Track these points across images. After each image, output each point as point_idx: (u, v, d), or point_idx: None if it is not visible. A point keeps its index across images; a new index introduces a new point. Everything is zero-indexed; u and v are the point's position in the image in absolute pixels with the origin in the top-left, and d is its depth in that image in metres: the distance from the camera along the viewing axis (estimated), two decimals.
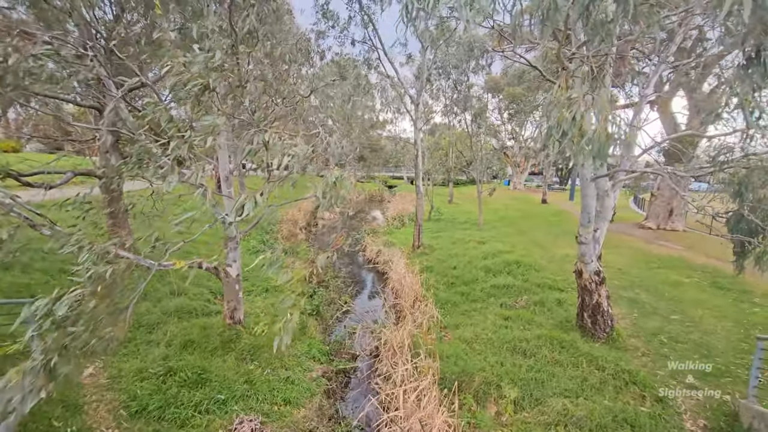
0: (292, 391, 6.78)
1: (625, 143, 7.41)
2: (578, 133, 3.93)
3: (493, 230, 20.47)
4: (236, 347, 7.52)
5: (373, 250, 17.59)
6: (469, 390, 6.59)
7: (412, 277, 11.88)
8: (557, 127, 3.95)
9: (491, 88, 35.13)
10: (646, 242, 16.65)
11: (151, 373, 6.41)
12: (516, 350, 7.75)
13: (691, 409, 6.10)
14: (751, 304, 9.83)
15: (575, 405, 5.91)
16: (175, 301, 8.99)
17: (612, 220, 9.39)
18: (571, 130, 3.92)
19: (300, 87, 10.10)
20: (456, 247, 16.63)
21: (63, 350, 3.68)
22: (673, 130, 16.70)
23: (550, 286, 11.24)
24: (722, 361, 7.26)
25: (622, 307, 9.78)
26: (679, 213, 18.97)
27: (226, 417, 5.86)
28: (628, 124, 7.22)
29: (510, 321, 9.14)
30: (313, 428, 6.22)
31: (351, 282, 14.28)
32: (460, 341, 8.28)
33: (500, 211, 27.31)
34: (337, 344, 9.28)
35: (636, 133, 7.40)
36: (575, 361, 7.22)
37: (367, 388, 7.62)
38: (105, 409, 5.67)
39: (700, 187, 29.02)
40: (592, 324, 8.19)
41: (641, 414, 5.78)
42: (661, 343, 8.03)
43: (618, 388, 6.50)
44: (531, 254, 14.90)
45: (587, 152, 3.84)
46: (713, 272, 12.22)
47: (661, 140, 8.15)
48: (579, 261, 8.32)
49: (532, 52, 15.57)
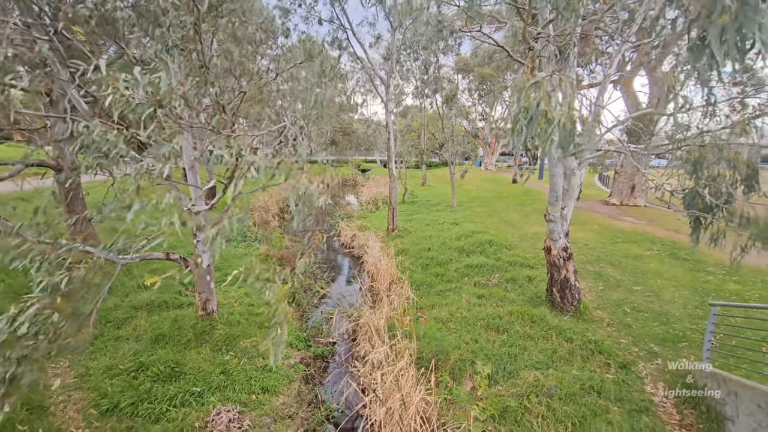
0: (269, 380, 6.75)
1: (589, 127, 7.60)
2: (544, 120, 3.97)
3: (466, 211, 20.78)
4: (211, 338, 7.39)
5: (348, 234, 17.54)
6: (446, 368, 6.76)
7: (388, 260, 11.95)
8: (524, 112, 3.98)
9: (461, 68, 35.15)
10: (611, 218, 17.35)
11: (122, 370, 6.23)
12: (489, 327, 7.99)
13: (651, 374, 6.49)
14: (705, 273, 10.47)
15: (546, 376, 6.18)
16: (144, 294, 8.71)
17: (579, 198, 9.70)
18: (537, 117, 3.96)
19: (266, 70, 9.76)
20: (430, 229, 16.81)
21: (23, 360, 3.51)
22: (635, 108, 17.26)
23: (521, 264, 11.57)
24: (679, 327, 7.74)
25: (589, 281, 10.21)
26: (640, 189, 19.82)
27: (202, 409, 5.78)
28: (593, 104, 7.39)
29: (483, 299, 9.38)
30: (293, 414, 6.23)
31: (326, 268, 14.24)
32: (436, 321, 8.45)
33: (473, 192, 27.71)
34: (315, 330, 9.28)
35: (600, 112, 7.59)
36: (545, 335, 7.51)
37: (345, 372, 7.69)
38: (73, 409, 5.48)
39: (660, 163, 30.34)
40: (560, 298, 8.52)
41: (606, 381, 6.10)
42: (624, 313, 8.47)
43: (585, 357, 6.83)
44: (503, 233, 15.26)
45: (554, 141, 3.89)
46: (672, 245, 12.90)
47: (624, 119, 8.40)
48: (548, 238, 8.58)
49: (500, 32, 15.59)
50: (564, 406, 5.56)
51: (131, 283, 9.17)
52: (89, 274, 4.16)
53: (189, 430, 5.37)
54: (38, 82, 7.98)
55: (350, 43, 16.88)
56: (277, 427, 5.85)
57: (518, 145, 3.52)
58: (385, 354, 6.86)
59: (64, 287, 3.74)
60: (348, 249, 16.58)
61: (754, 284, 9.54)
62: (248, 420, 5.75)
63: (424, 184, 34.82)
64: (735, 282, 9.76)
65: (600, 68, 12.15)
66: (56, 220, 4.62)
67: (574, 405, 5.58)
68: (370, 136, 38.11)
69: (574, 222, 9.45)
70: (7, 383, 3.39)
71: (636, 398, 5.80)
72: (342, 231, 18.44)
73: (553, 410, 5.51)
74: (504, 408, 5.58)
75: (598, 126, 7.67)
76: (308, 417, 6.31)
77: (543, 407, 5.56)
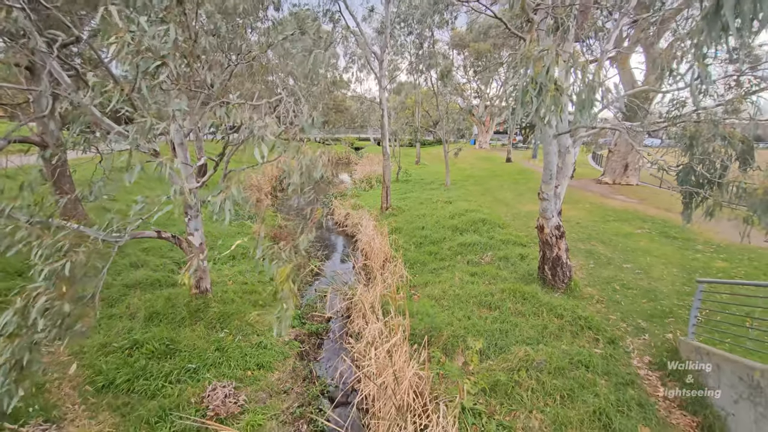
0: (265, 356, 6.82)
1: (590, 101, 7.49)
2: (554, 87, 3.89)
3: (459, 190, 20.76)
4: (205, 316, 7.42)
5: (342, 213, 17.49)
6: (438, 344, 6.88)
7: (381, 239, 11.96)
8: (533, 82, 3.89)
9: (456, 44, 34.42)
10: (603, 197, 17.45)
11: (116, 347, 6.25)
12: (482, 304, 8.10)
13: (638, 348, 6.66)
14: (694, 251, 10.64)
15: (536, 351, 6.31)
16: (137, 273, 8.66)
17: (572, 176, 9.70)
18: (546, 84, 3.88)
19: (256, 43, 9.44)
20: (424, 208, 16.80)
21: (33, 346, 3.52)
22: (631, 86, 17.12)
23: (514, 242, 11.66)
24: (667, 303, 7.91)
25: (580, 259, 10.33)
26: (633, 168, 19.88)
27: (198, 385, 5.85)
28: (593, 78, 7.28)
29: (476, 277, 9.48)
30: (288, 389, 6.34)
31: (320, 246, 14.24)
32: (429, 299, 8.54)
33: (466, 171, 27.64)
34: (309, 307, 9.35)
35: (598, 88, 7.50)
36: (536, 311, 7.64)
37: (339, 348, 7.79)
38: (69, 386, 5.51)
39: (653, 143, 30.44)
40: (552, 276, 8.63)
41: (594, 355, 6.25)
42: (614, 290, 8.62)
43: (574, 333, 6.98)
44: (496, 212, 15.31)
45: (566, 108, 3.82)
46: (662, 223, 13.05)
47: (621, 95, 8.32)
48: (541, 217, 8.61)
49: (496, 6, 15.19)
50: (553, 379, 5.70)
51: (123, 261, 9.11)
52: (90, 259, 4.11)
53: (185, 405, 5.43)
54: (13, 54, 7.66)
55: (342, 16, 16.36)
56: (273, 402, 5.95)
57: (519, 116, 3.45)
58: (379, 331, 6.94)
59: (67, 273, 3.70)
60: (342, 228, 16.57)
61: (741, 262, 9.73)
62: (244, 395, 5.84)
63: (418, 162, 34.62)
64: (723, 260, 9.94)
65: (598, 44, 11.94)
66: (47, 201, 4.52)
67: (562, 378, 5.73)
68: (364, 113, 37.51)
69: (566, 201, 9.49)
70: (19, 369, 3.42)
71: (622, 372, 5.97)
72: (335, 209, 18.37)
73: (543, 383, 5.65)
74: (495, 382, 5.72)
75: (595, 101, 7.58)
76: (303, 392, 6.42)
77: (533, 381, 5.70)
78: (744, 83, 8.21)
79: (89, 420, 5.08)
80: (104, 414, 5.20)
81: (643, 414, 5.16)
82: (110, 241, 4.84)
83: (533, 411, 5.24)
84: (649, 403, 5.37)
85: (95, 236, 4.55)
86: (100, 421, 5.09)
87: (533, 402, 5.39)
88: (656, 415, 5.18)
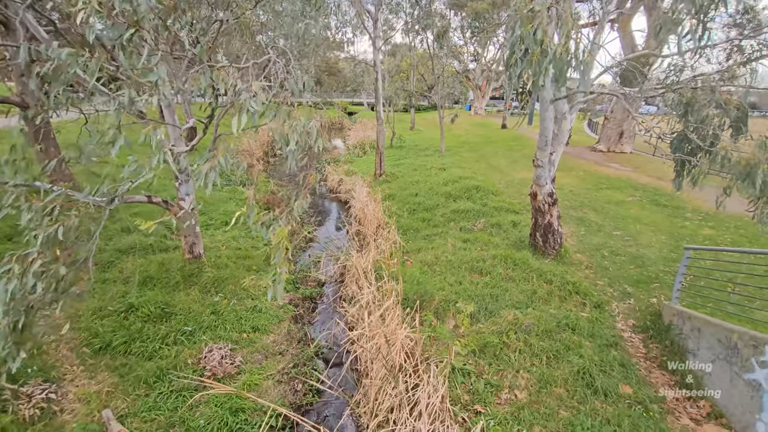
0: (260, 319, 6.95)
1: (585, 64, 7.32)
2: (539, 51, 3.76)
3: (454, 156, 20.61)
4: (199, 281, 7.47)
5: (335, 179, 17.36)
6: (430, 308, 7.04)
7: (375, 205, 11.96)
8: (519, 43, 3.76)
9: (454, 3, 33.11)
10: (597, 164, 17.46)
11: (111, 311, 6.31)
12: (473, 270, 8.23)
13: (623, 312, 6.88)
14: (683, 219, 10.80)
15: (525, 314, 6.49)
16: (128, 238, 8.61)
17: (567, 143, 9.64)
18: (532, 47, 3.75)
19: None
20: (418, 174, 16.71)
21: (30, 310, 3.52)
22: (631, 50, 16.71)
23: (507, 209, 11.73)
24: (653, 269, 8.10)
25: (571, 226, 10.46)
26: (628, 136, 19.78)
27: (194, 347, 5.97)
28: (591, 41, 7.09)
29: (468, 243, 9.58)
30: (283, 351, 6.50)
31: (314, 212, 14.22)
32: (422, 264, 8.66)
33: (461, 137, 27.33)
34: (303, 273, 9.44)
35: (597, 51, 7.31)
36: (526, 277, 7.79)
37: (333, 312, 7.95)
38: (66, 348, 5.59)
39: (649, 110, 30.18)
40: (543, 242, 8.75)
41: (581, 319, 6.45)
42: (602, 257, 8.79)
43: (563, 298, 7.16)
44: (490, 179, 15.29)
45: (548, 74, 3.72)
46: (654, 191, 13.16)
47: (620, 60, 8.13)
48: (534, 184, 8.61)
49: None
50: (540, 341, 5.90)
51: (114, 226, 9.03)
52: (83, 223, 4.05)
53: (182, 366, 5.57)
54: None
55: None
56: (269, 363, 6.12)
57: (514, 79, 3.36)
58: (372, 295, 7.06)
59: (61, 237, 3.66)
60: (335, 194, 16.49)
61: (728, 229, 9.92)
62: (240, 356, 5.98)
63: (412, 128, 34.08)
64: (710, 227, 10.12)
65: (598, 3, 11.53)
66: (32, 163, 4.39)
67: (549, 340, 5.93)
68: (358, 76, 36.42)
69: (560, 168, 9.48)
70: (19, 332, 3.44)
71: (607, 334, 6.18)
72: (329, 175, 18.21)
73: (530, 345, 5.85)
74: (484, 344, 5.91)
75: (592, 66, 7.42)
76: (298, 353, 6.60)
77: (521, 343, 5.89)
78: (746, 49, 8.04)
79: (89, 380, 5.20)
80: (103, 374, 5.32)
81: (625, 373, 5.39)
82: (101, 205, 4.76)
83: (520, 371, 5.45)
84: (631, 363, 5.60)
85: (86, 200, 4.47)
86: (99, 380, 5.21)
87: (520, 362, 5.60)
88: (637, 374, 5.42)
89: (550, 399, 5.00)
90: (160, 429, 4.70)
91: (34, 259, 3.53)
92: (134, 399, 5.06)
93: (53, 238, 3.65)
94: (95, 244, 4.44)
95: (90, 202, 4.43)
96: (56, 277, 3.63)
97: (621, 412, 4.74)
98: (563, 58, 3.63)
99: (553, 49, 3.64)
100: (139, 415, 4.84)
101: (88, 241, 4.37)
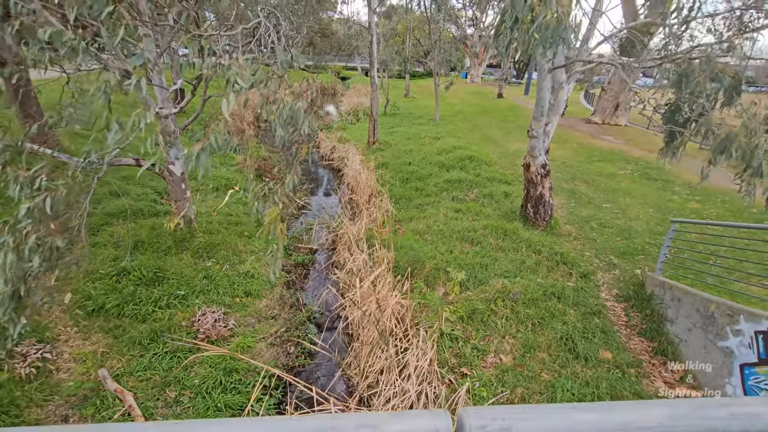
0: (252, 284, 7.02)
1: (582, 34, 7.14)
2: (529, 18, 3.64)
3: (448, 126, 20.35)
4: (191, 246, 7.47)
5: (328, 146, 17.11)
6: (421, 276, 7.16)
7: (368, 174, 11.88)
8: (511, 9, 3.64)
9: None
10: (591, 136, 17.41)
11: (103, 274, 6.32)
12: (464, 239, 8.33)
13: (608, 282, 7.08)
14: (671, 193, 10.95)
15: (513, 283, 6.65)
16: (118, 202, 8.50)
17: (563, 114, 9.55)
18: (522, 14, 3.63)
19: None
20: (411, 143, 16.54)
21: (27, 278, 3.51)
22: (633, 18, 16.30)
23: (500, 180, 11.75)
24: (640, 241, 8.28)
25: (562, 198, 10.55)
26: (624, 108, 19.63)
27: (188, 310, 6.05)
28: (593, 8, 6.89)
29: (460, 213, 9.64)
30: (276, 315, 6.62)
31: (306, 179, 14.10)
32: (414, 233, 8.73)
33: (456, 106, 26.90)
34: (295, 239, 9.48)
35: (598, 19, 7.12)
36: (516, 247, 7.93)
37: (325, 278, 8.06)
38: (59, 310, 5.63)
39: (646, 82, 29.85)
40: (534, 213, 8.84)
41: (567, 288, 6.64)
42: (591, 228, 8.93)
43: (550, 267, 7.33)
44: (484, 150, 15.20)
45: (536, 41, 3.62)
46: (645, 164, 13.24)
47: (620, 28, 7.94)
48: (528, 155, 8.59)
49: None
50: (526, 309, 6.09)
51: (102, 190, 8.87)
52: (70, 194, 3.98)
53: (176, 328, 5.66)
54: None
55: None
56: (262, 326, 6.25)
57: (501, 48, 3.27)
58: (364, 262, 7.15)
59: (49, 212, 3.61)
60: (327, 161, 16.31)
61: (714, 203, 10.10)
62: (233, 320, 6.09)
63: (407, 95, 33.36)
64: (697, 201, 10.29)
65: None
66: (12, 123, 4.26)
67: (535, 308, 6.12)
68: (351, 38, 35.18)
69: (554, 140, 9.45)
70: (16, 299, 3.45)
71: (591, 303, 6.39)
72: (321, 142, 17.93)
73: (517, 312, 6.04)
74: (473, 310, 6.08)
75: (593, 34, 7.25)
76: (291, 318, 6.73)
77: (508, 310, 6.08)
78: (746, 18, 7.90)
79: (83, 341, 5.28)
80: (97, 336, 5.40)
81: (606, 340, 5.62)
82: (89, 170, 4.67)
83: (506, 336, 5.65)
84: (612, 330, 5.83)
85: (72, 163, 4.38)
86: (94, 342, 5.29)
87: (507, 328, 5.79)
88: (617, 341, 5.65)
89: (533, 363, 5.22)
90: (155, 387, 4.84)
91: (28, 233, 3.50)
92: (129, 359, 5.17)
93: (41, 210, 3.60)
94: (86, 211, 4.40)
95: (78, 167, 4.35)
96: (52, 248, 3.63)
97: (600, 375, 4.98)
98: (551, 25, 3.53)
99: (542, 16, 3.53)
100: (134, 374, 4.96)
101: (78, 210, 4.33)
